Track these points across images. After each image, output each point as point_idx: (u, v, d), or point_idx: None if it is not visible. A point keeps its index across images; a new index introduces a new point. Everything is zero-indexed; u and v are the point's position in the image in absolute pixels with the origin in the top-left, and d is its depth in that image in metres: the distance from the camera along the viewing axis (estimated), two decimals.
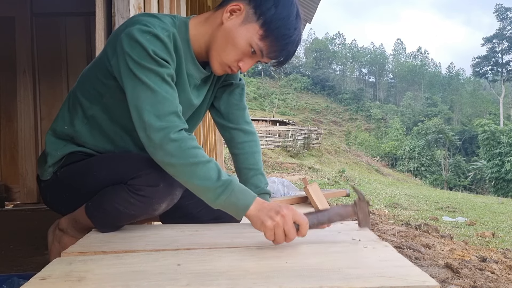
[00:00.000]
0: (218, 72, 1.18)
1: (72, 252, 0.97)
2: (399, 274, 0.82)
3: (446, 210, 6.90)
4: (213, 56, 1.15)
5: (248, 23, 1.09)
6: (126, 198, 1.12)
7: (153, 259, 0.93)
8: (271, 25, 1.06)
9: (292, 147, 21.17)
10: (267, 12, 1.06)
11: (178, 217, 1.34)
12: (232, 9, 1.10)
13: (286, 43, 1.09)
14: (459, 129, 50.16)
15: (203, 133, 3.54)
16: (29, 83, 3.55)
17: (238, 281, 0.79)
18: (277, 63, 1.15)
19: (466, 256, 2.54)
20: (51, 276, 0.82)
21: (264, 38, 1.08)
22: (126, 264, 0.90)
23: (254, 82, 59.28)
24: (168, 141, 0.99)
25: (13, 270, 1.65)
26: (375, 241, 1.09)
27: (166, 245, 1.05)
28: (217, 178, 1.00)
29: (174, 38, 1.10)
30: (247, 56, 1.12)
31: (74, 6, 3.64)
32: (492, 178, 25.37)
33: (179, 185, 1.13)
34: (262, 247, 1.03)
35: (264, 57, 1.12)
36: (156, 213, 1.17)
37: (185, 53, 1.15)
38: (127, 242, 1.09)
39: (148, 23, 1.05)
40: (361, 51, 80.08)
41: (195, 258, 0.94)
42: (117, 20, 1.63)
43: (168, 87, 1.04)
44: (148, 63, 1.01)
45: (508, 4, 73.78)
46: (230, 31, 1.10)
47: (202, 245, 1.05)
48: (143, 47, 1.01)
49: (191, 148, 1.00)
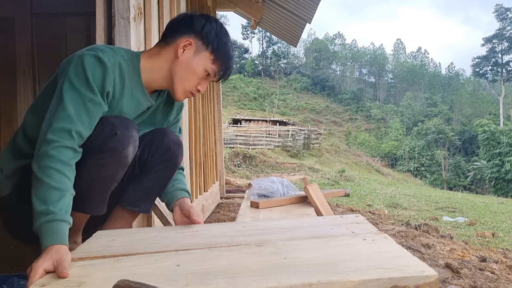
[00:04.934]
0: (181, 98, 1.38)
1: (72, 258, 0.97)
2: (398, 265, 0.82)
3: (446, 210, 6.90)
4: (176, 86, 1.34)
5: (200, 52, 1.32)
6: (96, 163, 1.20)
7: (152, 261, 0.93)
8: (218, 50, 1.33)
9: (292, 147, 21.17)
10: (213, 41, 1.32)
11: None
12: (184, 45, 1.31)
13: (230, 62, 1.38)
14: (459, 129, 50.14)
15: (203, 133, 3.53)
16: (29, 83, 3.55)
17: (237, 279, 0.79)
18: (224, 78, 1.41)
19: (466, 256, 2.54)
20: (50, 282, 0.83)
21: (215, 61, 1.34)
22: (125, 267, 0.90)
23: (254, 82, 59.26)
24: (44, 154, 1.07)
25: (13, 270, 1.65)
26: (374, 233, 1.09)
27: (165, 246, 1.06)
28: (49, 205, 1.03)
29: (120, 66, 1.24)
30: (203, 79, 1.36)
31: (74, 6, 3.64)
32: (492, 178, 25.36)
33: (133, 127, 1.25)
34: (262, 244, 1.04)
35: (216, 76, 1.37)
36: (128, 160, 1.26)
37: (134, 82, 1.31)
38: (127, 245, 1.09)
39: (99, 50, 1.20)
40: (361, 51, 79.99)
41: (194, 258, 0.94)
42: (117, 20, 1.63)
43: (83, 111, 1.14)
44: (78, 84, 1.14)
45: (508, 4, 73.91)
46: (187, 62, 1.32)
47: (202, 245, 1.05)
48: (84, 69, 1.15)
49: (53, 169, 1.06)
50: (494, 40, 55.26)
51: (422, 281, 0.75)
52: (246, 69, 67.70)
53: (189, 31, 1.32)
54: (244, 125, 26.66)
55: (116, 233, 1.25)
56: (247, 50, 75.90)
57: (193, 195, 2.93)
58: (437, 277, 0.76)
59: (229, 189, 5.26)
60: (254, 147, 20.32)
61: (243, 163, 15.53)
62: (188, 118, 2.79)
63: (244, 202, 2.77)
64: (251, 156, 16.35)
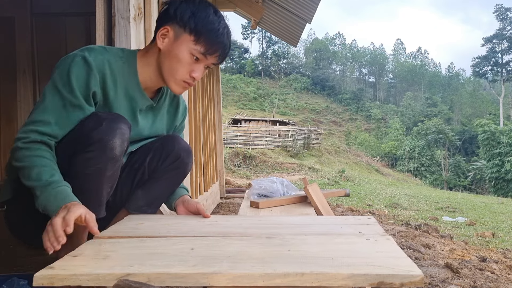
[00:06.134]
0: (178, 91, 1.31)
1: (103, 236, 1.11)
2: (390, 264, 0.86)
3: (446, 210, 6.90)
4: (168, 79, 1.28)
5: (179, 37, 1.24)
6: (84, 158, 1.16)
7: (171, 243, 1.05)
8: (197, 27, 1.22)
9: (292, 147, 21.17)
10: (189, 21, 1.22)
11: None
12: (162, 34, 1.26)
13: (217, 35, 1.24)
14: (459, 129, 50.13)
15: (203, 133, 3.53)
16: (29, 83, 3.56)
17: (239, 264, 0.87)
18: (219, 56, 1.28)
19: (466, 256, 2.54)
20: (82, 254, 0.96)
21: (198, 41, 1.23)
22: (147, 247, 1.01)
23: (254, 82, 59.27)
24: (17, 149, 1.13)
25: (13, 270, 1.65)
26: (380, 235, 1.13)
27: (185, 232, 1.16)
28: (46, 178, 1.09)
29: (109, 65, 1.23)
30: (194, 65, 1.26)
31: (74, 6, 3.64)
32: (492, 178, 25.36)
33: (121, 120, 1.20)
34: (271, 237, 1.11)
35: (207, 57, 1.26)
36: (116, 152, 1.19)
37: (130, 80, 1.29)
38: (152, 229, 1.21)
39: (88, 50, 1.21)
40: (361, 51, 79.99)
41: (208, 244, 1.04)
42: (117, 20, 1.63)
43: (62, 113, 1.16)
44: (60, 86, 1.16)
45: (508, 4, 73.94)
46: (170, 51, 1.25)
47: (217, 234, 1.15)
48: (68, 71, 1.16)
49: (33, 156, 1.11)
50: (494, 40, 55.26)
51: (408, 279, 0.80)
52: (246, 69, 67.72)
53: (166, 18, 1.26)
54: (244, 125, 26.66)
55: (145, 217, 1.38)
56: (247, 50, 75.90)
57: (193, 195, 2.93)
58: (422, 277, 0.80)
59: (229, 189, 5.26)
60: (254, 147, 20.32)
61: (243, 163, 15.53)
62: (188, 118, 2.79)
63: (244, 202, 2.77)
64: (251, 156, 16.36)
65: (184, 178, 1.49)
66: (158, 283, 0.83)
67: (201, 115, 3.40)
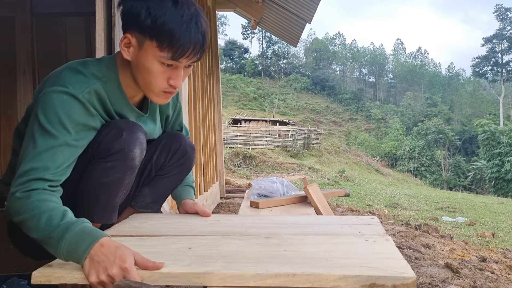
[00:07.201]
0: (161, 101, 1.18)
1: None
2: (384, 265, 0.86)
3: (446, 210, 6.89)
4: (146, 92, 1.17)
5: (142, 45, 1.07)
6: (103, 167, 1.14)
7: (170, 242, 1.05)
8: (156, 31, 1.04)
9: (292, 147, 21.17)
10: (146, 25, 1.04)
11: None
12: (124, 43, 1.10)
13: (181, 34, 1.04)
14: (459, 129, 50.13)
15: (203, 133, 3.53)
16: (29, 83, 3.55)
17: (232, 264, 0.87)
18: (192, 55, 1.09)
19: (466, 256, 2.54)
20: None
21: (161, 47, 1.05)
22: (146, 246, 1.02)
23: (254, 82, 59.27)
24: (14, 199, 0.96)
25: (13, 270, 1.65)
26: (379, 235, 1.12)
27: (186, 231, 1.17)
28: (59, 222, 0.91)
29: (97, 94, 1.11)
30: (168, 72, 1.11)
31: (74, 6, 3.64)
32: (492, 178, 25.35)
33: (139, 130, 1.18)
34: (270, 236, 1.11)
35: (179, 60, 1.08)
36: (135, 163, 1.18)
37: (116, 98, 1.17)
38: (154, 228, 1.22)
39: (67, 84, 1.05)
40: (361, 51, 79.98)
41: (206, 243, 1.04)
42: (117, 20, 1.63)
43: (59, 154, 1.01)
44: (52, 128, 1.00)
45: (508, 4, 73.94)
46: (137, 62, 1.10)
47: (217, 233, 1.15)
48: (56, 111, 1.01)
49: (35, 201, 0.94)
50: (494, 40, 55.26)
51: (400, 281, 0.79)
52: (246, 69, 67.73)
53: (125, 24, 1.10)
54: (244, 125, 26.66)
55: (148, 216, 1.38)
56: (247, 50, 75.89)
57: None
58: (415, 279, 0.80)
59: (229, 189, 5.26)
60: (254, 147, 20.32)
61: (243, 163, 15.53)
62: (188, 118, 2.79)
63: (244, 202, 2.77)
64: (251, 156, 16.36)
65: (188, 174, 1.51)
66: (151, 282, 0.83)
67: (201, 115, 3.40)
